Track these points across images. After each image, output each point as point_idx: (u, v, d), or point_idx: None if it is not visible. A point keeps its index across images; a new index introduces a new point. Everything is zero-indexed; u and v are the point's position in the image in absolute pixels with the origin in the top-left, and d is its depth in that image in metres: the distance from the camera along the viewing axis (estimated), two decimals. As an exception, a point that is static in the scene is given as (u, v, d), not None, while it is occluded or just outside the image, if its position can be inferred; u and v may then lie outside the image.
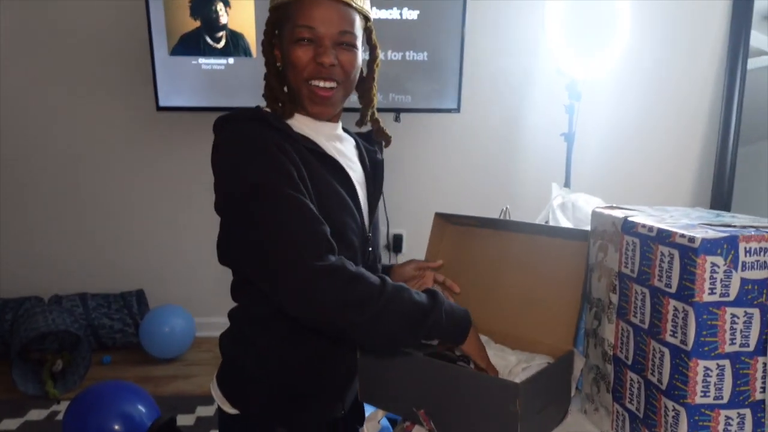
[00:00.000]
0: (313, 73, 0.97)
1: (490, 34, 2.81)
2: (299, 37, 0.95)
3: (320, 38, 0.96)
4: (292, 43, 0.96)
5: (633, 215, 0.84)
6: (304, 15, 0.95)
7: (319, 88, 0.97)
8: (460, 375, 0.84)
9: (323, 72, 0.97)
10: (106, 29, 2.69)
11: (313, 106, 0.99)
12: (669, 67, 2.89)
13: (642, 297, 0.78)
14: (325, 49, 0.96)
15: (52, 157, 2.80)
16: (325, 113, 1.02)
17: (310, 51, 0.96)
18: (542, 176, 2.84)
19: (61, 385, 2.42)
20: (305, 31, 0.95)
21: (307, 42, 0.96)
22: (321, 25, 0.95)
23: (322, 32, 0.96)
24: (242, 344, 1.02)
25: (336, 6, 0.97)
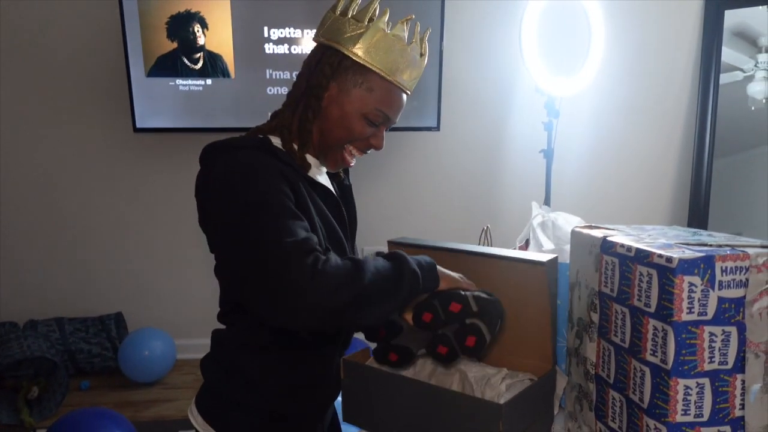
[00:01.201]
0: (359, 146, 1.01)
1: (468, 53, 2.85)
2: (374, 119, 0.98)
3: (384, 124, 1.00)
4: (361, 114, 0.97)
5: (611, 235, 0.85)
6: (390, 102, 0.98)
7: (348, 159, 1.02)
8: (443, 396, 0.84)
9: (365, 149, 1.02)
10: (82, 50, 2.67)
11: (334, 165, 1.03)
12: (644, 83, 2.95)
13: (622, 316, 0.78)
14: (382, 135, 1.01)
15: (27, 179, 2.76)
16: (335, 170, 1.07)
17: (371, 131, 0.99)
18: (522, 194, 2.87)
19: (37, 412, 2.35)
20: (382, 117, 0.98)
21: (375, 125, 0.99)
22: (395, 115, 1.00)
23: (391, 122, 1.01)
24: (228, 369, 1.00)
25: (405, 100, 1.02)
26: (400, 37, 0.99)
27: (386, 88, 0.97)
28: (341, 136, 0.98)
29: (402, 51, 0.98)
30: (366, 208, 2.93)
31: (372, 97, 0.96)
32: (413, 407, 0.88)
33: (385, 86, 0.97)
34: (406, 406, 0.88)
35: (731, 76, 2.96)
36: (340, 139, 0.99)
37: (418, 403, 0.87)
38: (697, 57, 2.97)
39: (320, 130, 0.99)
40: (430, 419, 0.85)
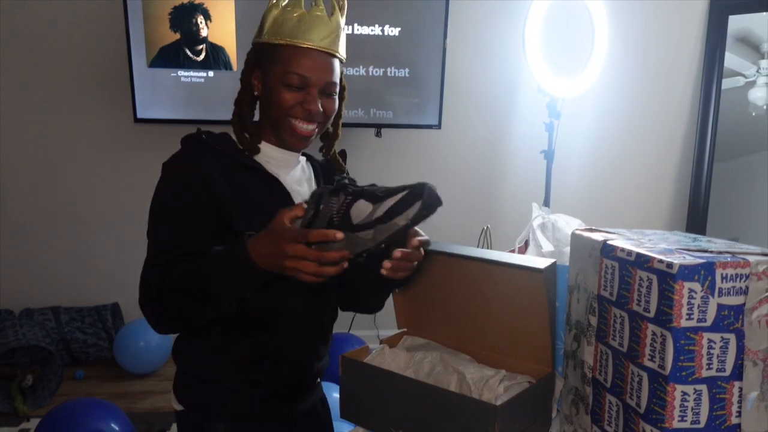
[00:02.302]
0: (297, 115, 1.04)
1: (470, 52, 2.84)
2: (289, 83, 1.02)
3: (309, 87, 1.03)
4: (280, 84, 1.03)
5: (612, 239, 0.85)
6: (298, 64, 1.02)
7: (301, 128, 1.05)
8: (440, 396, 0.84)
9: (307, 115, 1.04)
10: (84, 40, 2.66)
11: (292, 139, 1.06)
12: (646, 86, 2.95)
13: (621, 320, 0.78)
14: (313, 98, 1.03)
15: (27, 168, 2.75)
16: (300, 147, 1.10)
17: (298, 96, 1.03)
18: (522, 194, 2.87)
19: (31, 401, 2.35)
20: (296, 78, 1.02)
21: (295, 88, 1.02)
22: (311, 74, 1.03)
23: (312, 82, 1.03)
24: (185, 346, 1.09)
25: (325, 58, 1.04)
26: (297, 7, 1.04)
27: (293, 52, 1.02)
28: (276, 113, 1.05)
29: (301, 16, 1.03)
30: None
31: (283, 65, 1.02)
32: (411, 406, 0.88)
33: (292, 51, 1.02)
34: (403, 404, 0.88)
35: (733, 81, 2.96)
36: (277, 114, 1.05)
37: (415, 402, 0.87)
38: (700, 61, 2.97)
39: (266, 118, 1.08)
40: (428, 419, 0.85)
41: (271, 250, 0.85)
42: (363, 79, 2.63)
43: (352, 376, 0.96)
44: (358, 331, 2.74)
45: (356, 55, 2.58)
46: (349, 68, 2.60)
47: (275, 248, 0.84)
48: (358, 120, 2.67)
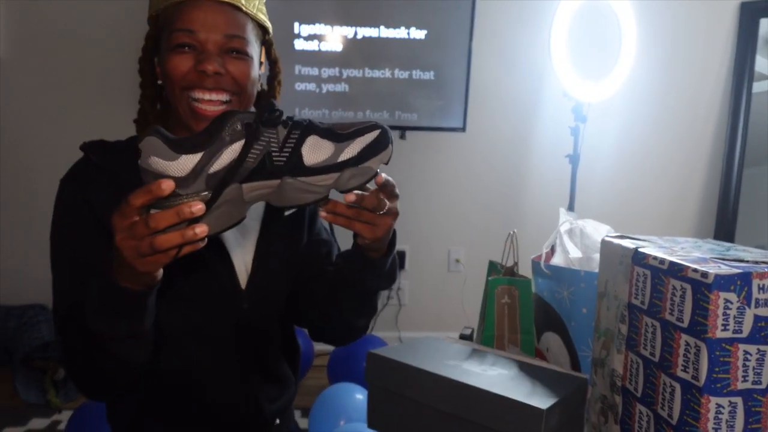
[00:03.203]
0: (193, 82, 0.83)
1: (496, 55, 2.84)
2: (177, 43, 0.83)
3: (202, 43, 0.83)
4: (168, 51, 0.84)
5: (643, 246, 0.84)
6: (182, 18, 0.83)
7: (203, 101, 0.84)
8: (480, 397, 0.84)
9: (207, 82, 0.83)
10: (109, 37, 2.71)
11: (197, 124, 0.84)
12: (674, 90, 2.92)
13: (653, 330, 0.78)
14: (209, 55, 0.83)
15: (58, 162, 2.80)
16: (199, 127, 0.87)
17: (191, 59, 0.83)
18: (546, 198, 2.86)
19: (63, 394, 2.41)
20: (183, 35, 0.82)
21: (187, 49, 0.83)
22: (202, 28, 0.82)
23: (204, 36, 0.83)
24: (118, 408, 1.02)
25: (220, 8, 0.84)
26: None
27: (178, 8, 0.83)
28: (171, 89, 0.85)
29: None
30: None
31: (167, 29, 0.84)
32: (445, 409, 0.88)
33: (176, 8, 0.83)
34: (437, 408, 0.88)
35: (764, 85, 2.91)
36: (172, 91, 0.85)
37: (451, 405, 0.87)
38: (730, 64, 2.92)
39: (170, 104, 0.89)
40: (464, 421, 0.85)
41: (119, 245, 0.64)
42: (388, 82, 2.64)
43: (380, 379, 0.96)
44: (381, 333, 2.75)
45: (381, 57, 2.59)
46: (375, 70, 2.61)
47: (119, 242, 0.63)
48: (383, 122, 2.68)
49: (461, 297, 2.81)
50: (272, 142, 0.66)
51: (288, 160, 0.66)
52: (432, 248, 2.95)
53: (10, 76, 2.71)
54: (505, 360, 1.00)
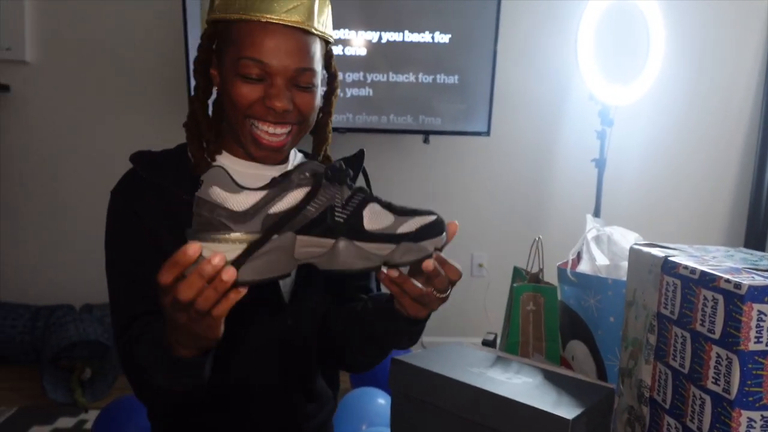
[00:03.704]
0: (260, 115, 0.81)
1: (521, 58, 2.82)
2: (245, 73, 0.79)
3: (272, 76, 0.80)
4: (234, 75, 0.80)
5: (673, 255, 0.83)
6: (253, 45, 0.78)
7: (267, 134, 0.82)
8: (504, 405, 0.83)
9: (273, 116, 0.81)
10: (144, 47, 2.76)
11: (258, 151, 0.84)
12: (704, 93, 2.86)
13: (682, 340, 0.77)
14: (278, 90, 0.80)
15: (85, 165, 2.87)
16: (271, 160, 0.87)
17: (258, 89, 0.80)
18: (572, 203, 2.83)
19: (90, 393, 2.45)
20: (253, 66, 0.79)
21: (254, 77, 0.80)
22: (274, 59, 0.79)
23: (275, 69, 0.79)
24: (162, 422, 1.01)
25: (294, 35, 0.79)
26: None
27: (246, 29, 0.78)
28: (232, 113, 0.82)
29: None
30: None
31: (236, 48, 0.79)
32: (467, 415, 0.87)
33: (244, 28, 0.78)
34: (459, 413, 0.88)
35: (798, 89, 2.84)
36: (234, 116, 0.82)
37: (478, 415, 0.86)
38: (762, 65, 2.86)
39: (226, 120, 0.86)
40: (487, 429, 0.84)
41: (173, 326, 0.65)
42: (412, 86, 2.64)
43: (403, 387, 0.96)
44: (403, 337, 2.74)
45: (406, 61, 2.59)
46: (398, 75, 2.61)
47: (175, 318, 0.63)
48: (407, 126, 2.68)
49: (484, 302, 2.79)
50: (336, 197, 0.65)
51: (348, 218, 0.65)
52: (455, 253, 2.91)
53: (37, 80, 2.78)
54: (530, 368, 0.99)
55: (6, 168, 2.83)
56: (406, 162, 2.90)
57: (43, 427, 2.23)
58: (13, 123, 2.80)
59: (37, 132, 2.82)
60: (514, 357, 1.06)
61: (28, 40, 2.73)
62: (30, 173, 2.85)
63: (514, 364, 1.01)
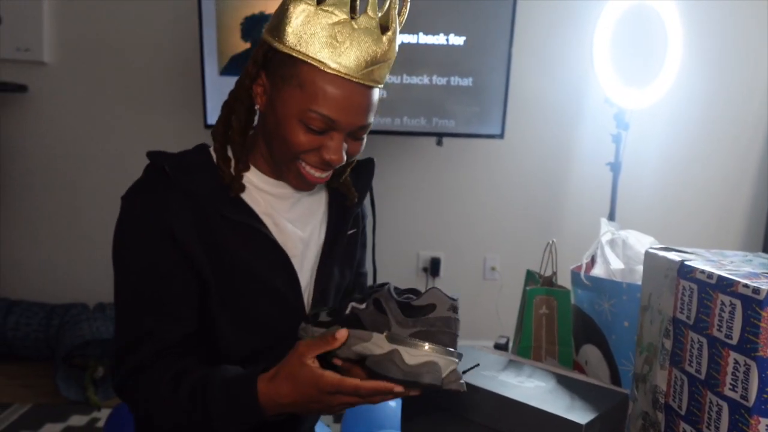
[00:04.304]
0: (312, 162, 0.80)
1: (536, 61, 2.80)
2: (311, 125, 0.76)
3: (335, 130, 0.78)
4: (295, 120, 0.77)
5: (690, 259, 0.81)
6: (326, 100, 0.74)
7: (314, 176, 0.81)
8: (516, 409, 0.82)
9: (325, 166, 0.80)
10: (160, 48, 2.79)
11: (297, 182, 0.83)
12: (722, 96, 2.83)
13: (699, 346, 0.75)
14: (337, 146, 0.78)
15: (102, 166, 2.90)
16: (305, 191, 0.87)
17: (318, 140, 0.78)
18: (587, 206, 2.81)
19: (102, 392, 2.47)
20: (320, 120, 0.76)
21: (317, 132, 0.77)
22: (344, 117, 0.76)
23: (342, 126, 0.77)
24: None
25: (367, 94, 0.77)
26: (339, 8, 0.74)
27: (320, 81, 0.74)
28: (284, 150, 0.79)
29: (343, 28, 0.73)
30: (425, 216, 2.95)
31: (304, 95, 0.75)
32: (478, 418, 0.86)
33: (319, 79, 0.74)
34: (470, 417, 0.87)
35: (818, 94, 2.79)
36: (284, 152, 0.79)
37: (486, 416, 0.85)
38: (782, 73, 2.82)
39: (266, 143, 0.83)
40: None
41: (297, 400, 0.70)
42: (425, 88, 2.63)
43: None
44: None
45: (420, 63, 2.59)
46: (412, 76, 2.61)
47: (307, 399, 0.69)
48: (420, 128, 2.68)
49: (496, 305, 2.78)
50: None
51: None
52: (467, 255, 2.92)
53: (54, 80, 2.81)
54: (543, 372, 0.98)
55: (23, 167, 2.86)
56: (418, 164, 2.90)
57: (56, 424, 2.25)
58: (30, 123, 2.83)
59: (54, 132, 2.85)
60: (526, 361, 1.05)
61: (46, 42, 2.77)
62: (47, 173, 2.88)
63: (527, 367, 1.00)
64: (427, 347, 0.68)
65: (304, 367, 0.69)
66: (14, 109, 2.82)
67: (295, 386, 0.69)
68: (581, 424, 0.75)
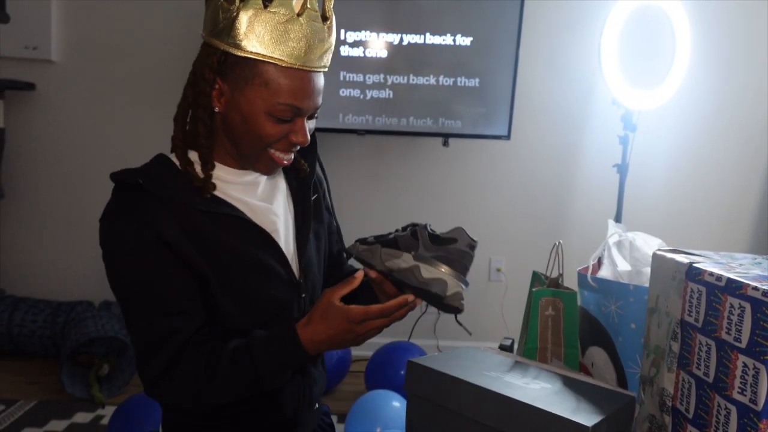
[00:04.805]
0: (282, 148, 0.88)
1: (543, 62, 2.80)
2: (280, 115, 0.84)
3: (300, 116, 0.86)
4: (263, 114, 0.84)
5: (698, 261, 0.81)
6: (291, 92, 0.82)
7: (283, 159, 0.90)
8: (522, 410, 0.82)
9: (293, 147, 0.89)
10: (167, 47, 2.79)
11: (267, 169, 0.91)
12: (731, 98, 2.81)
13: (707, 349, 0.74)
14: (301, 129, 0.86)
15: (106, 165, 2.88)
16: (273, 174, 0.95)
17: (286, 128, 0.86)
18: (592, 209, 2.80)
19: (107, 389, 2.48)
20: (288, 110, 0.84)
21: (285, 120, 0.85)
22: (306, 103, 0.85)
23: (305, 111, 0.86)
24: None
25: (318, 77, 0.86)
26: (283, 9, 0.80)
27: (282, 76, 0.81)
28: (255, 143, 0.86)
29: (291, 24, 0.80)
30: (430, 217, 2.92)
31: (270, 91, 0.82)
32: (486, 421, 0.86)
33: (282, 74, 0.81)
34: (477, 419, 0.86)
35: (828, 96, 2.77)
36: (255, 145, 0.86)
37: (492, 417, 0.85)
38: (791, 75, 2.80)
39: (229, 140, 0.89)
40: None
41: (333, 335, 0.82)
42: (432, 89, 2.63)
43: (419, 389, 0.95)
44: (418, 340, 2.73)
45: (426, 64, 2.59)
46: (419, 77, 2.61)
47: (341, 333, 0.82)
48: (426, 129, 2.67)
49: (501, 307, 2.77)
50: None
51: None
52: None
53: (62, 79, 2.82)
54: (548, 374, 0.97)
55: (30, 165, 2.88)
56: (424, 165, 2.89)
57: (61, 421, 2.25)
58: (38, 121, 2.85)
59: (61, 130, 2.87)
60: (531, 362, 1.05)
61: (54, 40, 2.78)
62: (53, 170, 2.89)
63: (532, 369, 0.99)
64: (443, 269, 0.85)
65: (333, 306, 0.82)
66: (22, 107, 2.83)
67: (329, 324, 0.81)
68: (588, 426, 0.74)
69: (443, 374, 0.93)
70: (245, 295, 0.90)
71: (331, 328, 0.82)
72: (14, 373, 2.62)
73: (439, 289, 0.85)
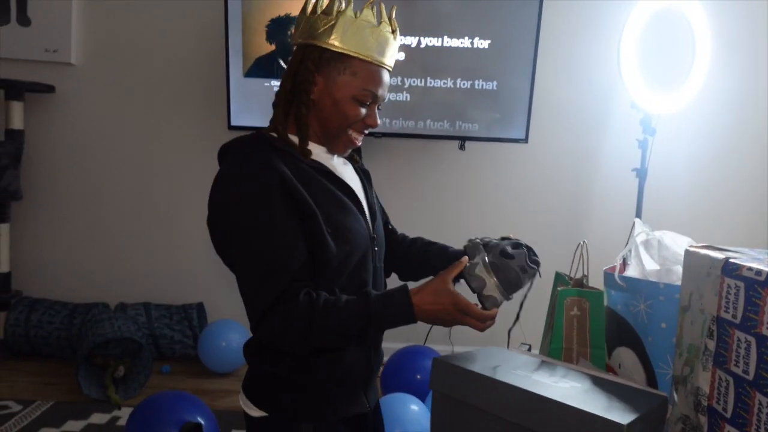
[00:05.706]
0: (359, 128, 1.08)
1: (561, 65, 2.78)
2: (363, 100, 1.05)
3: (375, 103, 1.07)
4: (350, 98, 1.04)
5: (734, 257, 0.79)
6: (375, 82, 1.05)
7: (357, 140, 1.09)
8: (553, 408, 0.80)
9: (365, 129, 1.09)
10: (185, 50, 2.81)
11: (344, 149, 1.10)
12: (751, 100, 2.78)
13: (746, 345, 0.72)
14: (374, 113, 1.08)
15: (127, 167, 2.92)
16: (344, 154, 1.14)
17: (363, 111, 1.06)
18: (612, 213, 2.77)
19: (122, 390, 2.48)
20: (370, 96, 1.05)
21: (365, 105, 1.06)
22: (381, 90, 1.06)
23: (379, 99, 1.07)
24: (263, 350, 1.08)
25: (388, 74, 1.09)
26: (369, 20, 1.04)
27: (367, 68, 1.04)
28: (340, 123, 1.06)
29: (373, 32, 1.04)
30: (447, 220, 2.92)
31: (357, 80, 1.03)
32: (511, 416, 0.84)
33: (366, 67, 1.04)
34: (505, 418, 0.84)
35: None
36: (340, 125, 1.06)
37: (520, 416, 0.83)
38: (812, 77, 2.76)
39: (319, 122, 1.08)
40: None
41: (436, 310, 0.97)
42: (450, 92, 2.62)
43: (445, 385, 0.93)
44: (434, 345, 2.70)
45: (444, 67, 2.58)
46: (437, 80, 2.60)
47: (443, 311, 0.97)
48: (443, 132, 2.66)
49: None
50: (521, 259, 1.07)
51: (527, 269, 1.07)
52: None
53: (81, 81, 2.85)
54: (577, 373, 0.95)
55: (48, 166, 2.90)
56: (441, 168, 2.88)
57: (77, 421, 2.25)
58: (57, 123, 2.87)
59: (80, 132, 2.89)
60: (558, 362, 1.03)
61: (74, 43, 2.80)
62: (71, 172, 2.91)
63: (560, 368, 0.97)
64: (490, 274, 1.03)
65: (446, 286, 0.98)
66: (42, 110, 2.86)
67: (437, 299, 0.97)
68: (623, 424, 0.72)
69: (470, 372, 0.92)
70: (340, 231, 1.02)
71: (437, 303, 0.97)
72: (31, 374, 2.63)
73: (477, 285, 1.02)
